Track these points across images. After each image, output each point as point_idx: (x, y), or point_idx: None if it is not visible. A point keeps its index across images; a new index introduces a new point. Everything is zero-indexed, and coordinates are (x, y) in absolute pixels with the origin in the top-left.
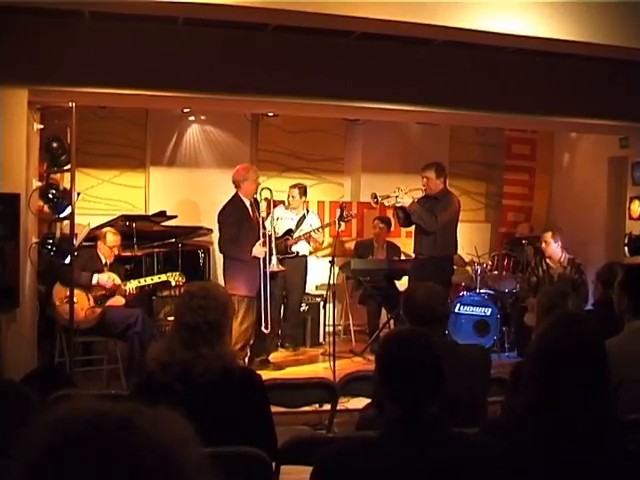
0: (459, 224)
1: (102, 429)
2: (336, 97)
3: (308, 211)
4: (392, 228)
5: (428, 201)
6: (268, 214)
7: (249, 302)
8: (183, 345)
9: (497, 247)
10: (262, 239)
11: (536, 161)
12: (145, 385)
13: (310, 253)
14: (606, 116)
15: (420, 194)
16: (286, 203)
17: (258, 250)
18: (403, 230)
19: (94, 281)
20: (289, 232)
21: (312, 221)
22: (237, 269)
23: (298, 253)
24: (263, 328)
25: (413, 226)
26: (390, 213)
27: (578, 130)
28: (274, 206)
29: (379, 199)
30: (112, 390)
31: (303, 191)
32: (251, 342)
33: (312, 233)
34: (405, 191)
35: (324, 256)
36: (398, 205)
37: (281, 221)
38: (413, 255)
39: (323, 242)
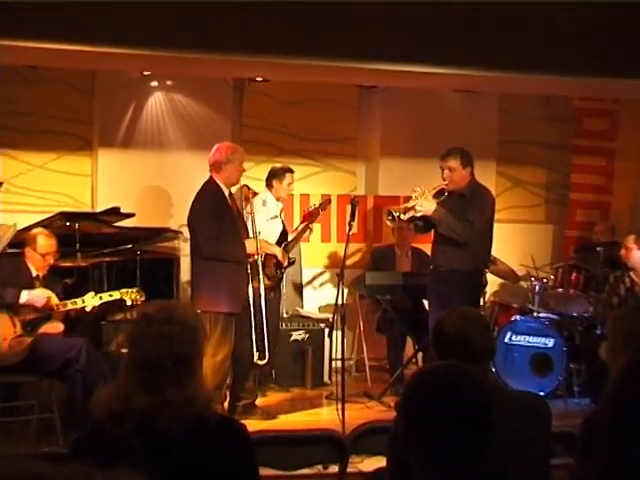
0: (509, 225)
1: None
2: (346, 56)
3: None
4: None
5: (452, 200)
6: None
7: (227, 322)
8: (141, 388)
9: (562, 256)
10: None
11: (616, 141)
12: (91, 441)
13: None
14: None
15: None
16: (276, 194)
17: (251, 245)
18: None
19: (22, 299)
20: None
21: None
22: (218, 276)
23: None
24: (257, 359)
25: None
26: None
27: None
28: (254, 196)
29: (396, 215)
30: (45, 448)
31: None
32: (228, 381)
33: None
34: (423, 192)
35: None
36: (419, 215)
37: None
38: (431, 267)
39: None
